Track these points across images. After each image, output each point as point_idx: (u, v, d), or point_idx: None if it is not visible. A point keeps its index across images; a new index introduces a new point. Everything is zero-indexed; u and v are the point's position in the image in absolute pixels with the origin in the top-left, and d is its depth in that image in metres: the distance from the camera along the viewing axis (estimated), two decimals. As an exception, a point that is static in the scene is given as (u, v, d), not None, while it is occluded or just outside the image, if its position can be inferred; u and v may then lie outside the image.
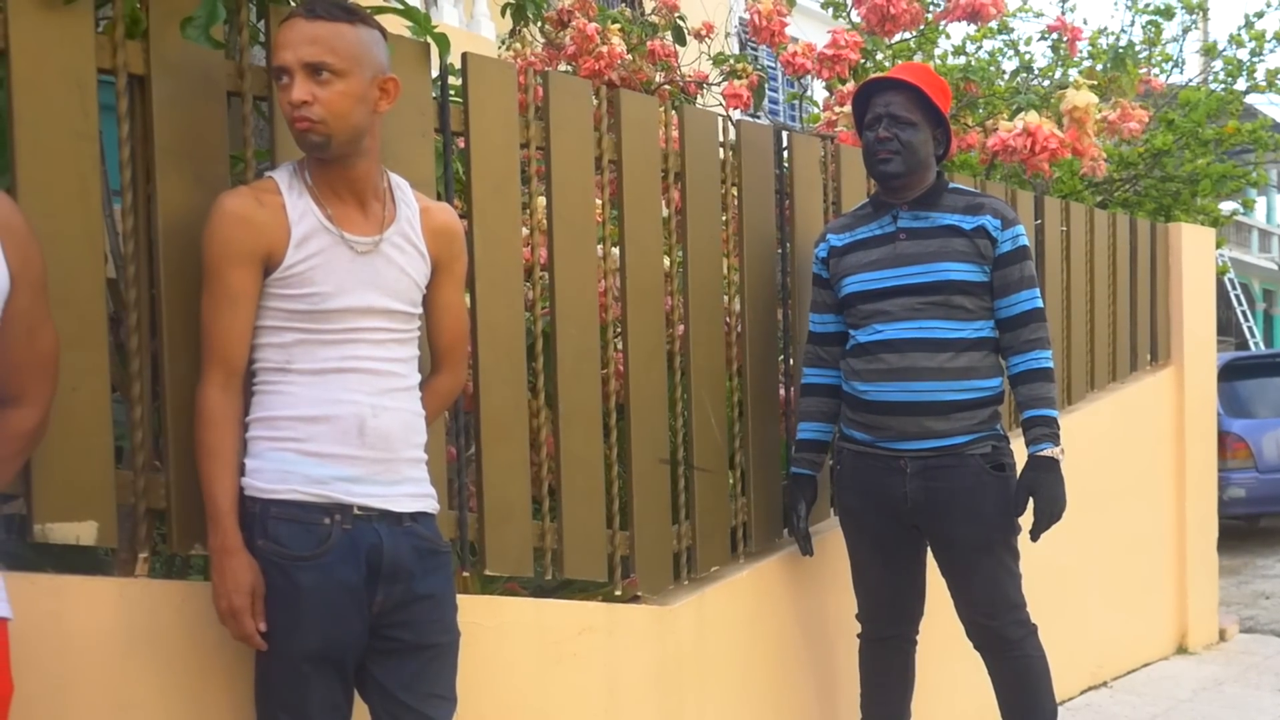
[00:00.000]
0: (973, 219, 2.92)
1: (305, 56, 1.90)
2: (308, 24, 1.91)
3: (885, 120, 2.90)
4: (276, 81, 1.94)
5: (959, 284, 2.92)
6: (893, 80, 2.94)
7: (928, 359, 2.90)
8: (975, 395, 2.93)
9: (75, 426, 1.94)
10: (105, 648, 1.97)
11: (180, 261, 2.06)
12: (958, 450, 2.92)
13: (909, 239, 2.95)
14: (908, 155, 2.90)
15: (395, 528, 2.04)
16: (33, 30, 1.90)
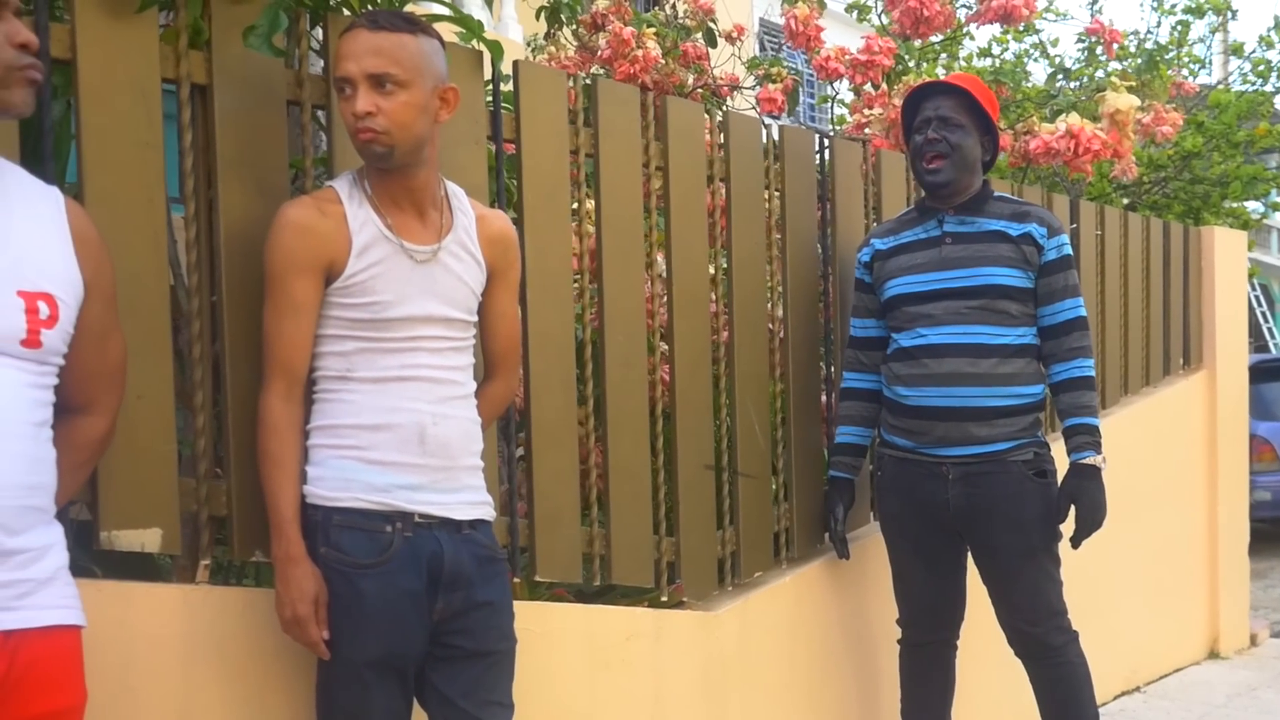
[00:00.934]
0: (1020, 226, 2.92)
1: (369, 67, 1.91)
2: (371, 35, 1.92)
3: (935, 122, 2.90)
4: (339, 92, 1.95)
5: (1004, 288, 2.91)
6: (943, 84, 2.95)
7: (971, 364, 2.90)
8: (1018, 402, 2.93)
9: (140, 434, 1.95)
10: (169, 654, 1.98)
11: (241, 270, 2.07)
12: (1000, 457, 2.92)
13: (955, 243, 2.95)
14: (956, 157, 2.91)
15: (455, 535, 2.05)
16: (99, 40, 1.92)
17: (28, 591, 1.57)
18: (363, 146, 1.94)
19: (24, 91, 1.57)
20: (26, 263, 1.60)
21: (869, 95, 4.66)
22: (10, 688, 1.54)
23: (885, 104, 4.47)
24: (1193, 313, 5.12)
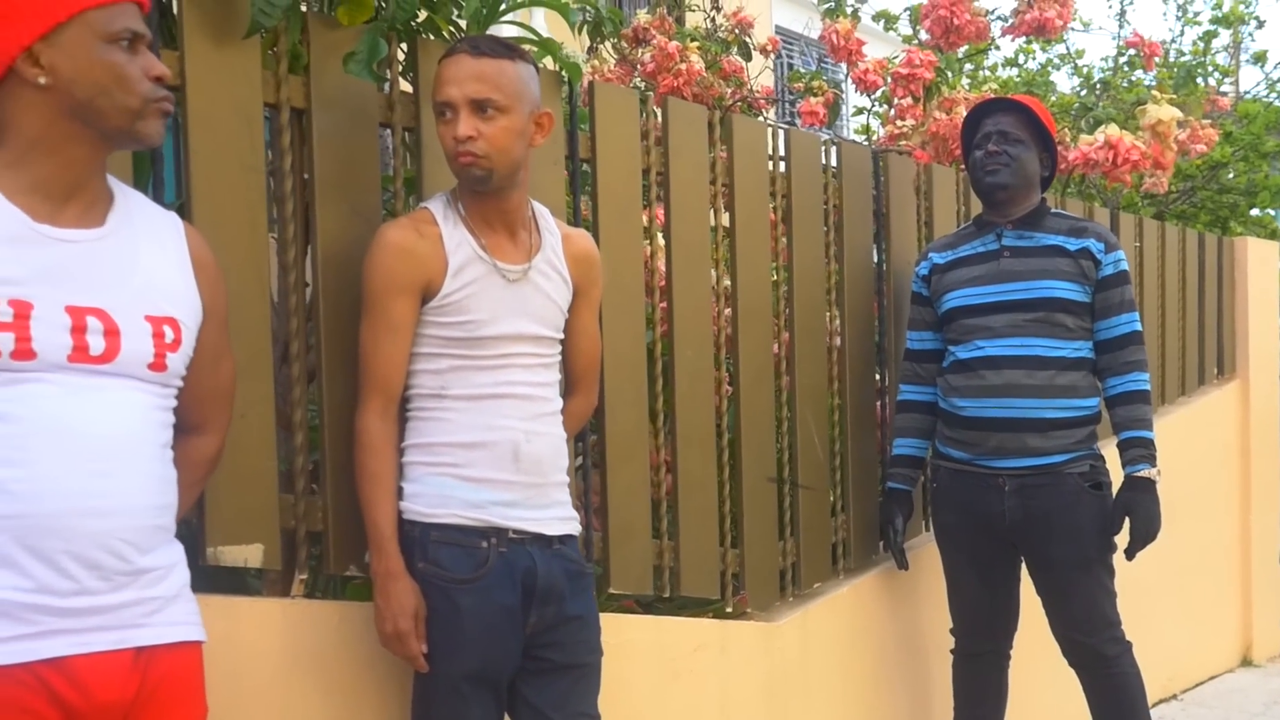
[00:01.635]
0: (1077, 241, 2.96)
1: (471, 93, 1.95)
2: (473, 61, 1.96)
3: (995, 136, 2.96)
4: (439, 115, 1.99)
5: (1062, 301, 2.95)
6: (1005, 101, 3.00)
7: (1028, 376, 2.93)
8: (1074, 414, 2.97)
9: (243, 453, 1.99)
10: (271, 666, 2.02)
11: (337, 290, 2.12)
12: (1056, 469, 2.95)
13: (1013, 257, 2.99)
14: (1017, 169, 2.95)
15: (546, 550, 2.09)
16: (206, 67, 1.96)
17: (157, 609, 1.61)
18: (462, 170, 1.98)
19: (158, 123, 1.60)
20: (153, 288, 1.64)
21: (901, 107, 4.70)
22: (143, 703, 1.58)
23: (923, 117, 4.52)
24: (1226, 322, 5.17)
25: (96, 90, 1.54)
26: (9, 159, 1.56)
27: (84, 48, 1.55)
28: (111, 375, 1.58)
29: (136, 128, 1.58)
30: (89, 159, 1.59)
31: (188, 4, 1.93)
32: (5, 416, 1.48)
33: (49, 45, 1.55)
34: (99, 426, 1.55)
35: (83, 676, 1.51)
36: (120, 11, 1.58)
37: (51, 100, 1.55)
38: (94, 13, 1.56)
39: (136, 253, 1.64)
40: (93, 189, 1.62)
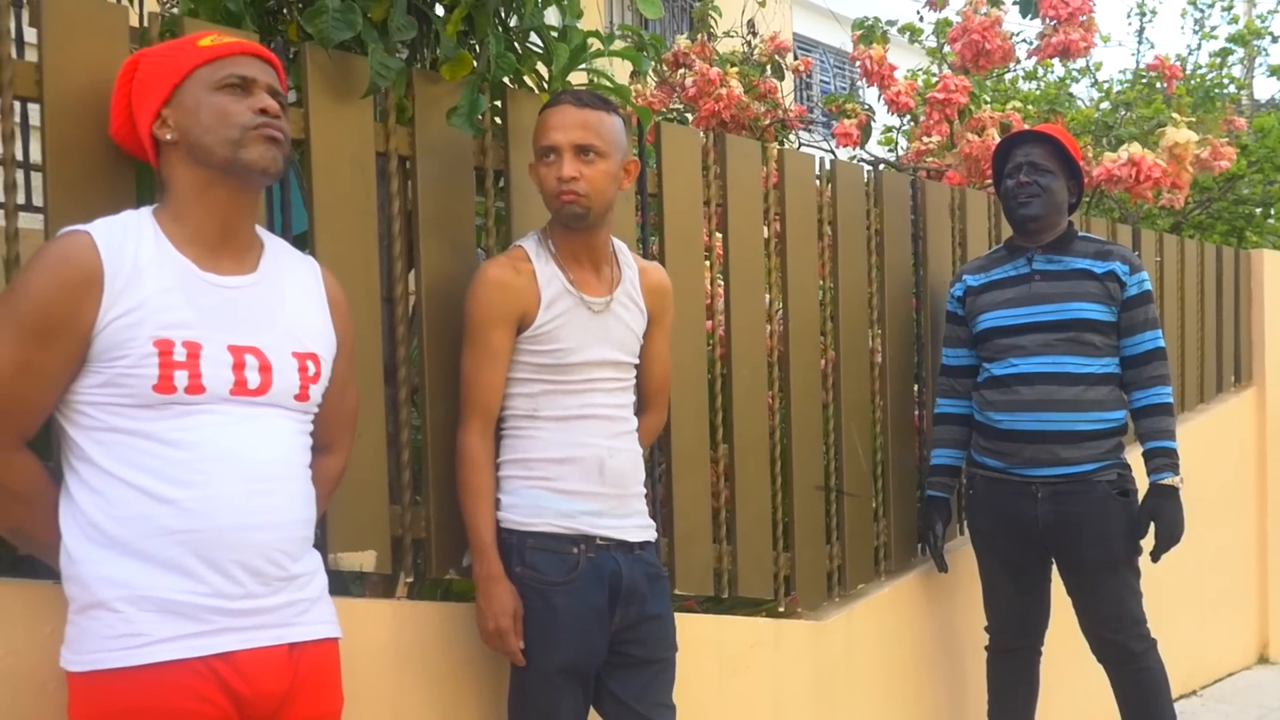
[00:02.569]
0: (1104, 264, 3.17)
1: (576, 139, 2.17)
2: (577, 110, 2.18)
3: (1026, 168, 3.16)
4: (542, 158, 2.19)
5: (1090, 322, 3.16)
6: (1034, 134, 3.19)
7: (1060, 391, 3.14)
8: (1102, 426, 3.17)
9: (359, 468, 2.20)
10: (382, 661, 2.23)
11: (439, 321, 2.33)
12: (1086, 477, 3.16)
13: (1043, 280, 3.19)
14: (1047, 199, 3.16)
15: (629, 555, 2.31)
16: (327, 123, 2.17)
17: (305, 609, 1.83)
18: (562, 207, 2.19)
19: (261, 147, 1.75)
20: (298, 327, 1.86)
21: (926, 124, 4.90)
22: (295, 693, 1.79)
23: (948, 134, 4.71)
24: (1243, 332, 5.35)
25: (202, 130, 1.75)
26: (171, 214, 1.78)
27: (194, 98, 1.76)
28: (265, 406, 1.79)
29: (240, 155, 1.74)
30: (229, 203, 1.79)
31: (312, 68, 2.14)
32: (180, 444, 1.70)
33: (171, 106, 1.77)
34: (259, 452, 1.76)
35: (248, 669, 1.73)
36: (226, 62, 1.78)
37: (182, 152, 1.77)
38: (202, 69, 1.77)
39: (283, 295, 1.86)
40: (243, 237, 1.84)
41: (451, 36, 2.28)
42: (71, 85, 1.87)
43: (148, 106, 1.78)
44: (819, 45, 13.37)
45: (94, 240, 1.68)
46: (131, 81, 1.81)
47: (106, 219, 1.74)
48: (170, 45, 1.82)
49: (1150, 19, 6.79)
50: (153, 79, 1.78)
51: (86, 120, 1.87)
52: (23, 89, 1.84)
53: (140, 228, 1.74)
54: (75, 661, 1.68)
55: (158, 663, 1.66)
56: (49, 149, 1.85)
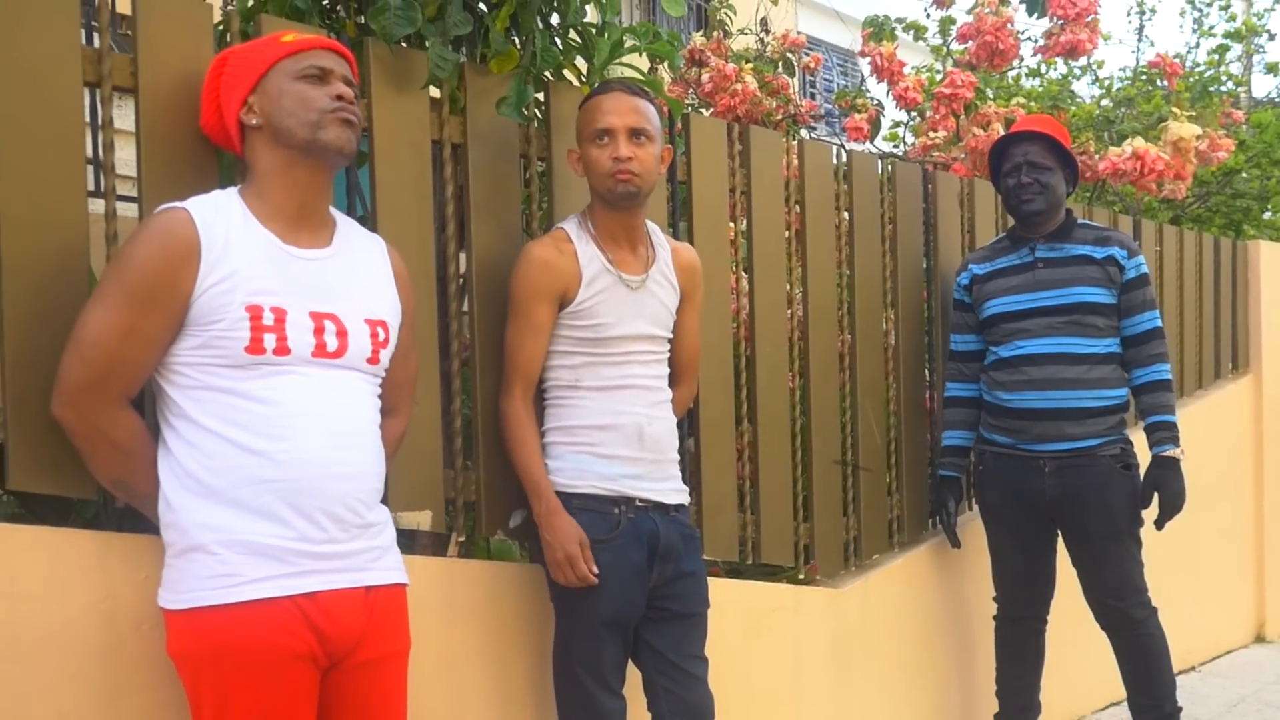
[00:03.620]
0: (1103, 249, 3.34)
1: (630, 122, 2.34)
2: (629, 97, 2.35)
3: (1025, 167, 3.31)
4: (595, 140, 2.35)
5: (1091, 305, 3.33)
6: (1030, 133, 3.36)
7: (1065, 370, 3.31)
8: (1106, 403, 3.34)
9: (416, 434, 2.36)
10: (435, 614, 2.40)
11: (488, 297, 2.50)
12: (1091, 452, 3.33)
13: (1046, 267, 3.36)
14: (1048, 195, 3.33)
15: (665, 516, 2.47)
16: (388, 113, 2.34)
17: (378, 556, 2.00)
18: (617, 186, 2.35)
19: (337, 129, 1.92)
20: (369, 296, 2.03)
21: (933, 119, 5.07)
22: (370, 633, 1.96)
23: (954, 129, 4.88)
24: (1240, 320, 5.52)
25: (284, 114, 1.92)
26: (256, 192, 1.95)
27: (278, 87, 1.94)
28: (342, 368, 1.96)
29: (318, 137, 1.91)
30: (308, 182, 1.96)
31: (375, 62, 2.31)
32: (268, 400, 1.87)
33: (257, 94, 1.95)
34: (338, 409, 1.93)
35: (331, 608, 1.89)
36: (306, 55, 1.96)
37: (266, 135, 1.94)
38: (285, 62, 1.95)
39: (355, 267, 2.03)
40: (319, 214, 2.00)
41: (500, 32, 2.45)
42: (162, 76, 2.03)
43: (236, 95, 1.95)
44: (822, 43, 13.53)
45: (191, 215, 1.85)
46: (220, 76, 1.98)
47: (199, 197, 1.90)
48: (255, 42, 1.99)
49: (1150, 17, 6.96)
50: (241, 71, 1.95)
51: (176, 108, 2.04)
52: (119, 80, 2.01)
53: (229, 205, 1.91)
54: (174, 600, 1.85)
55: (251, 600, 1.82)
56: (143, 134, 2.01)
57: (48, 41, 1.91)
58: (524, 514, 2.55)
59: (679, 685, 2.45)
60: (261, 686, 1.82)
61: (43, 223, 1.90)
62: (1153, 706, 3.39)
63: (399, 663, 2.04)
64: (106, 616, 1.93)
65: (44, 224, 1.91)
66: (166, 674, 1.95)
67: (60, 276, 1.92)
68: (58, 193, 1.92)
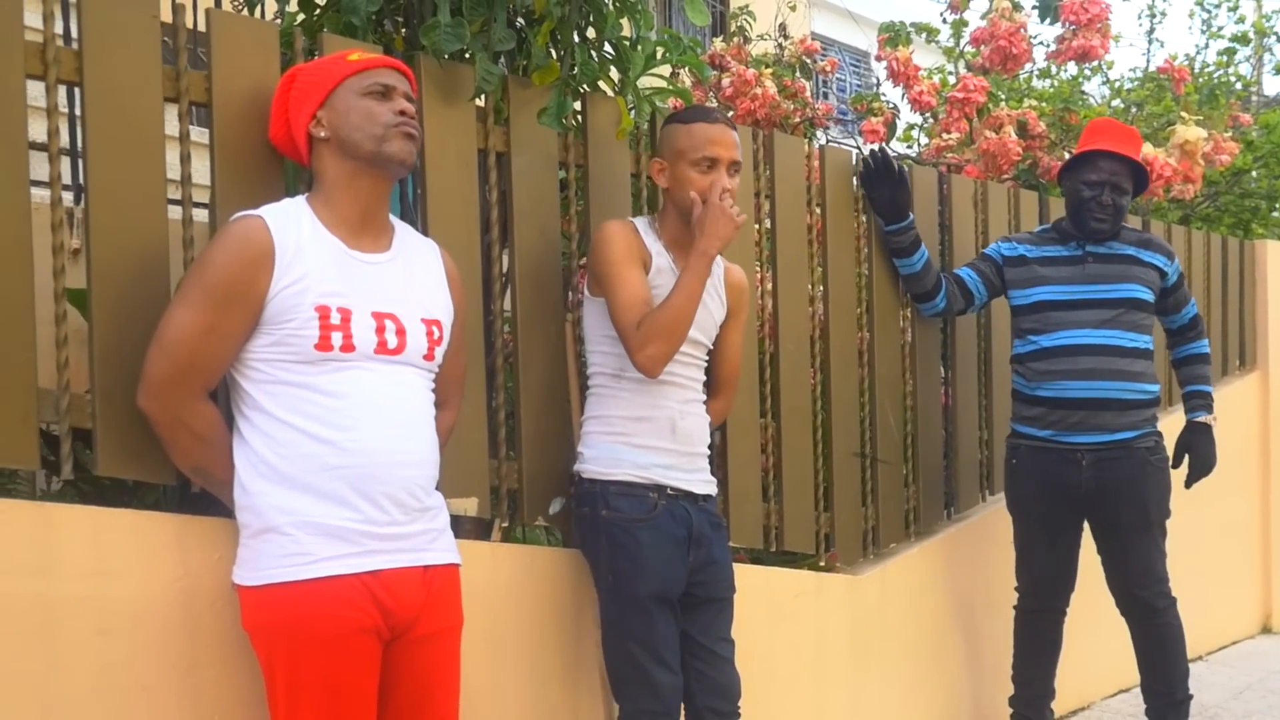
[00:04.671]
0: (1148, 253, 3.52)
1: (734, 156, 2.52)
2: (730, 132, 2.52)
3: (1108, 188, 3.40)
4: (698, 166, 2.48)
5: (1138, 301, 3.48)
6: (1123, 156, 3.42)
7: (1111, 362, 3.43)
8: (1143, 397, 3.48)
9: (464, 425, 2.51)
10: (480, 598, 2.53)
11: (529, 296, 2.65)
12: (1128, 444, 3.45)
13: (1096, 263, 3.49)
14: (1117, 218, 3.46)
15: (695, 505, 2.62)
16: (437, 123, 2.49)
17: (435, 538, 2.15)
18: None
19: (400, 142, 2.08)
20: (425, 297, 2.18)
21: (946, 121, 5.20)
22: (427, 609, 2.11)
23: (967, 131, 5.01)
24: (1247, 318, 5.65)
25: (351, 128, 2.08)
26: (322, 200, 2.10)
27: (345, 102, 2.09)
28: (401, 364, 2.11)
29: (383, 149, 2.06)
30: (370, 191, 2.11)
31: (425, 76, 2.46)
32: (336, 393, 2.02)
33: (325, 109, 2.10)
34: (398, 401, 2.09)
35: (393, 585, 2.04)
36: (371, 73, 2.12)
37: (333, 147, 2.09)
38: (351, 79, 2.11)
39: (412, 271, 2.18)
40: (380, 221, 2.16)
41: (541, 47, 2.60)
42: (234, 91, 2.19)
43: (305, 110, 2.10)
44: (835, 44, 13.65)
45: (265, 222, 2.01)
46: (289, 92, 2.14)
47: (271, 205, 2.06)
48: (323, 60, 2.14)
49: (1160, 20, 7.08)
50: (310, 87, 2.10)
51: (246, 121, 2.20)
52: (195, 96, 2.16)
53: (299, 213, 2.07)
54: (250, 578, 2.01)
55: (321, 578, 1.98)
56: (217, 146, 2.17)
57: (132, 61, 2.06)
58: (562, 501, 2.71)
59: (709, 666, 2.59)
60: (331, 657, 1.98)
61: (127, 228, 2.06)
62: (1166, 693, 3.51)
63: (453, 637, 2.19)
64: (184, 593, 2.08)
65: (128, 230, 2.06)
66: (239, 647, 2.11)
67: (143, 279, 2.08)
68: (141, 200, 2.08)
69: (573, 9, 2.59)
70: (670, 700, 2.56)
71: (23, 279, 1.95)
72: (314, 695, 1.97)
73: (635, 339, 2.43)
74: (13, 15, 1.94)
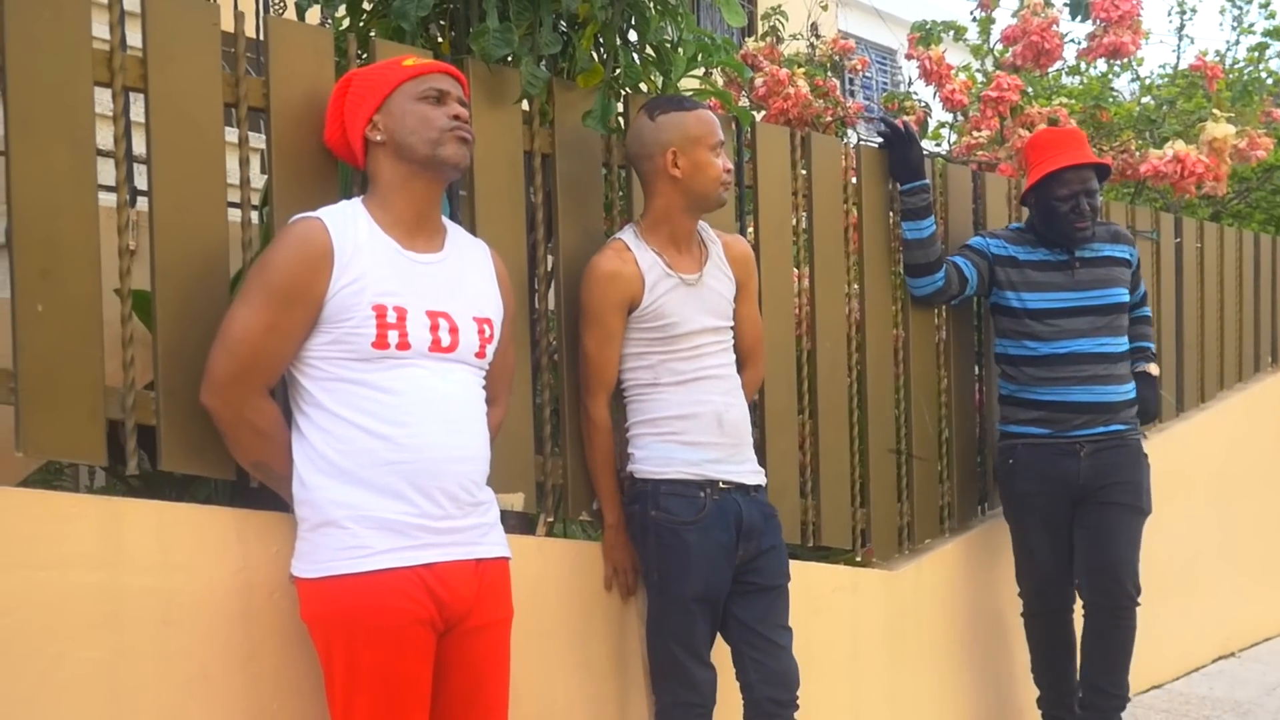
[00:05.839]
0: (1119, 248, 3.61)
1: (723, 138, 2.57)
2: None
3: (1083, 196, 3.46)
4: (713, 150, 2.54)
5: (1122, 305, 3.57)
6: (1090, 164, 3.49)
7: (1105, 368, 3.51)
8: (1128, 397, 3.58)
9: (510, 421, 2.55)
10: (526, 591, 2.58)
11: (574, 295, 2.69)
12: (1122, 435, 3.54)
13: (1083, 268, 3.55)
14: (1095, 218, 3.52)
15: (746, 497, 2.66)
16: (486, 125, 2.54)
17: (486, 532, 2.20)
18: (725, 192, 2.58)
19: (455, 146, 2.13)
20: (477, 296, 2.23)
21: (975, 118, 5.22)
22: (479, 601, 2.16)
23: (997, 129, 5.03)
24: (1279, 314, 5.64)
25: (407, 132, 2.13)
26: (378, 202, 2.16)
27: (401, 107, 2.14)
28: (454, 361, 2.16)
29: (438, 153, 2.12)
30: (424, 194, 2.17)
31: (473, 80, 2.51)
32: (392, 390, 2.07)
33: (381, 113, 2.15)
34: (453, 398, 2.14)
35: (447, 577, 2.10)
36: (426, 78, 2.17)
37: (389, 150, 2.15)
38: (407, 84, 2.16)
39: (464, 270, 2.23)
40: (433, 222, 2.21)
41: (586, 50, 2.64)
42: (290, 96, 2.24)
43: (361, 114, 2.15)
44: (862, 42, 13.65)
45: (325, 224, 2.06)
46: (345, 96, 2.19)
47: (329, 207, 2.11)
48: (378, 65, 2.20)
49: (1190, 16, 7.07)
50: (366, 92, 2.15)
51: (302, 125, 2.25)
52: (253, 101, 2.22)
53: (356, 214, 2.12)
54: (308, 570, 2.06)
55: (378, 570, 2.03)
56: (274, 150, 2.22)
57: (194, 68, 2.12)
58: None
59: (766, 655, 2.63)
60: (387, 647, 2.03)
61: (189, 230, 2.12)
62: (1117, 696, 3.51)
63: (503, 629, 2.24)
64: (244, 585, 2.14)
65: (190, 231, 2.12)
66: (297, 637, 2.17)
67: (204, 279, 2.13)
68: (202, 202, 2.13)
69: (616, 12, 2.63)
70: (707, 693, 2.61)
71: (91, 280, 2.01)
72: (371, 685, 2.03)
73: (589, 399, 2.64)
74: (81, 24, 2.00)
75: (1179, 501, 4.55)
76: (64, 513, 1.95)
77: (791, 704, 2.63)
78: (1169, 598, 4.44)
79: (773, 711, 2.61)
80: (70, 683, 1.94)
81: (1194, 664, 4.94)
